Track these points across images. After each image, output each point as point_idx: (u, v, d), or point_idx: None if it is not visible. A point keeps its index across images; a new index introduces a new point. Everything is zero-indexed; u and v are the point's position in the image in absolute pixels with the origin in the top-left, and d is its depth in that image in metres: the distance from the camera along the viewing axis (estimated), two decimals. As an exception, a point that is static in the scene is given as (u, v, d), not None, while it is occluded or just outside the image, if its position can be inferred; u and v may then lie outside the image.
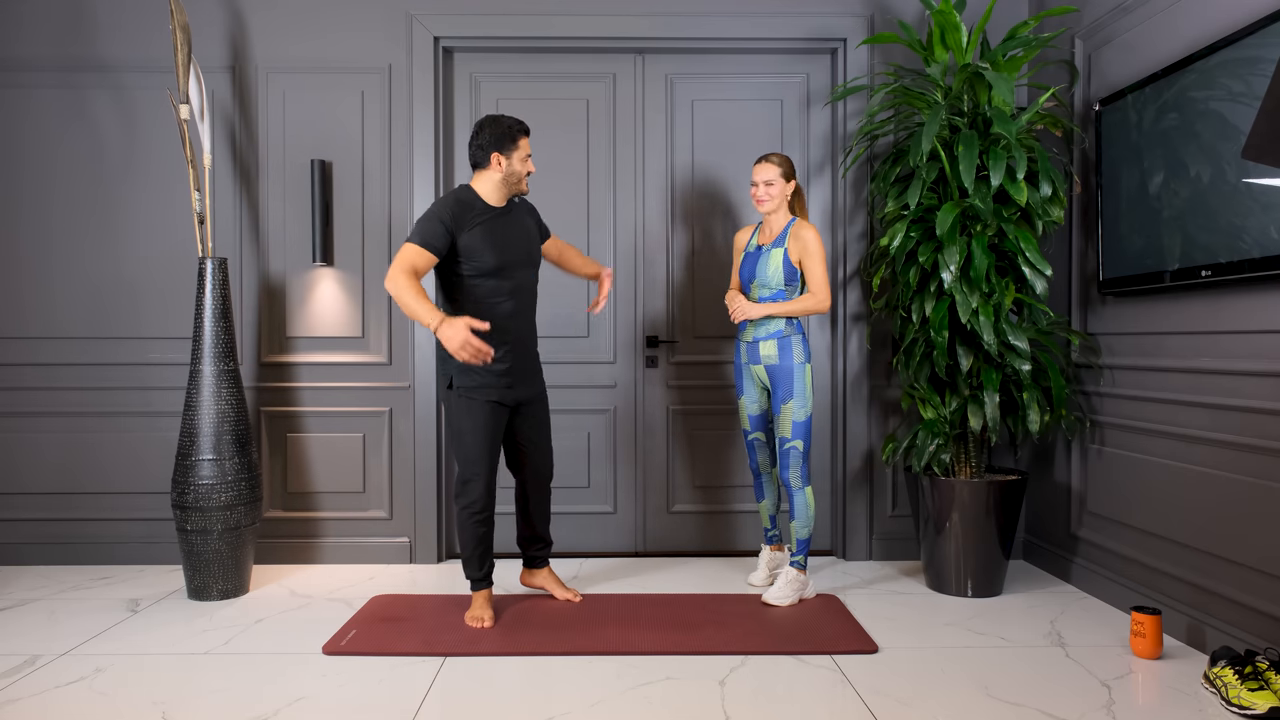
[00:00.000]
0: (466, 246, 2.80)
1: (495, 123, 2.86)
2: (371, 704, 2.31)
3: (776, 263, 3.09)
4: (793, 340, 3.10)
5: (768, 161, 3.11)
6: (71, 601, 3.19)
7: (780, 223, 3.16)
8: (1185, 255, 2.66)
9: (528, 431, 3.03)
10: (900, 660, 2.60)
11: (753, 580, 3.36)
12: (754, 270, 3.15)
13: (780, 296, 3.11)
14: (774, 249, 3.12)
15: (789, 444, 3.08)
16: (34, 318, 3.67)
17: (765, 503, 3.35)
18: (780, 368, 3.10)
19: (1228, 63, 2.48)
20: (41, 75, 3.65)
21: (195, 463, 3.17)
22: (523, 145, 2.88)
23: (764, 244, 3.17)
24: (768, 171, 3.10)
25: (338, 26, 3.68)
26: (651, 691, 2.37)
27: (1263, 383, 2.42)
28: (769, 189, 3.10)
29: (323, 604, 3.16)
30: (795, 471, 3.09)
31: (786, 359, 3.09)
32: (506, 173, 2.87)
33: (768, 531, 3.39)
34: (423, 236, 2.74)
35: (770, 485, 3.33)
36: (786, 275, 3.09)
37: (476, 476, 2.87)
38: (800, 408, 3.08)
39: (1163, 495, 2.85)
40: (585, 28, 3.67)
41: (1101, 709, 2.25)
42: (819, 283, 3.06)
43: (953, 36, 3.19)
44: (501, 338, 2.88)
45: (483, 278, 2.84)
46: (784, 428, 3.09)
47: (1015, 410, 3.21)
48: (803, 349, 3.11)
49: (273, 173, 3.70)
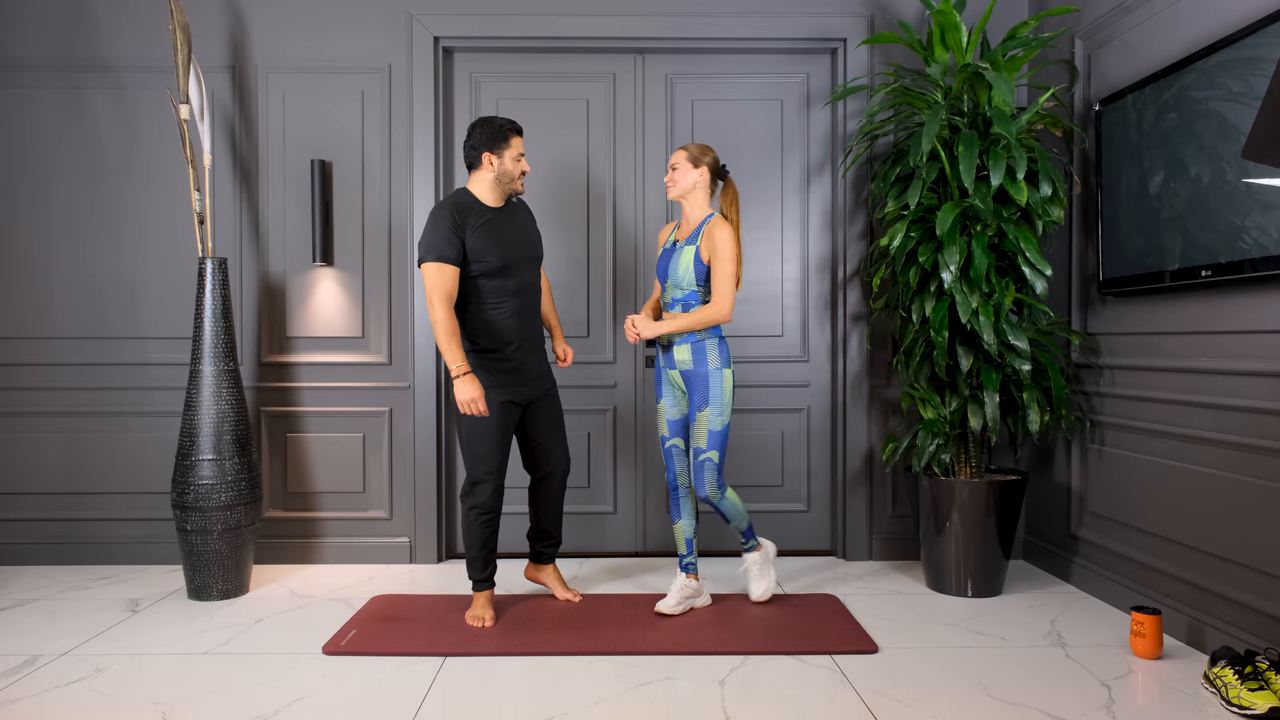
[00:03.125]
0: (471, 248, 2.81)
1: (486, 123, 2.87)
2: (371, 704, 2.31)
3: (687, 261, 2.92)
4: (707, 345, 2.92)
5: (679, 148, 2.98)
6: (71, 601, 3.20)
7: (697, 217, 2.98)
8: (1185, 255, 2.66)
9: (540, 428, 3.04)
10: (900, 660, 2.60)
11: (661, 608, 2.95)
12: (666, 268, 2.98)
13: (693, 297, 2.93)
14: (686, 246, 2.94)
15: (704, 455, 2.89)
16: (34, 318, 3.68)
17: (682, 523, 3.04)
18: (695, 373, 2.92)
19: (1228, 63, 2.48)
20: (41, 75, 3.65)
21: (195, 463, 3.17)
22: (515, 144, 2.88)
23: (679, 240, 3.00)
24: (675, 157, 2.97)
25: (338, 26, 3.68)
26: (651, 691, 2.37)
27: (1263, 383, 2.42)
28: (673, 174, 2.95)
29: (323, 604, 3.16)
30: (711, 484, 2.90)
31: (701, 364, 2.91)
32: (499, 172, 2.88)
33: (683, 558, 3.05)
34: (438, 252, 2.76)
35: (688, 501, 3.05)
36: (698, 275, 2.91)
37: (487, 477, 2.87)
38: (716, 416, 2.89)
39: (1163, 495, 2.85)
40: (585, 28, 3.67)
41: (1101, 709, 2.25)
42: (721, 289, 2.85)
43: (953, 36, 3.19)
44: (509, 337, 2.89)
45: (487, 278, 2.85)
46: (699, 437, 2.90)
47: (1015, 410, 3.21)
48: (719, 354, 2.92)
49: (273, 173, 3.70)
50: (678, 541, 3.08)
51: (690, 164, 2.95)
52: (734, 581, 3.41)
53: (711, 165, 2.98)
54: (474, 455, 2.88)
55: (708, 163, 2.97)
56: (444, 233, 2.77)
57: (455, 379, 2.76)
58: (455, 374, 2.75)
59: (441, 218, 2.79)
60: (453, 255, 2.77)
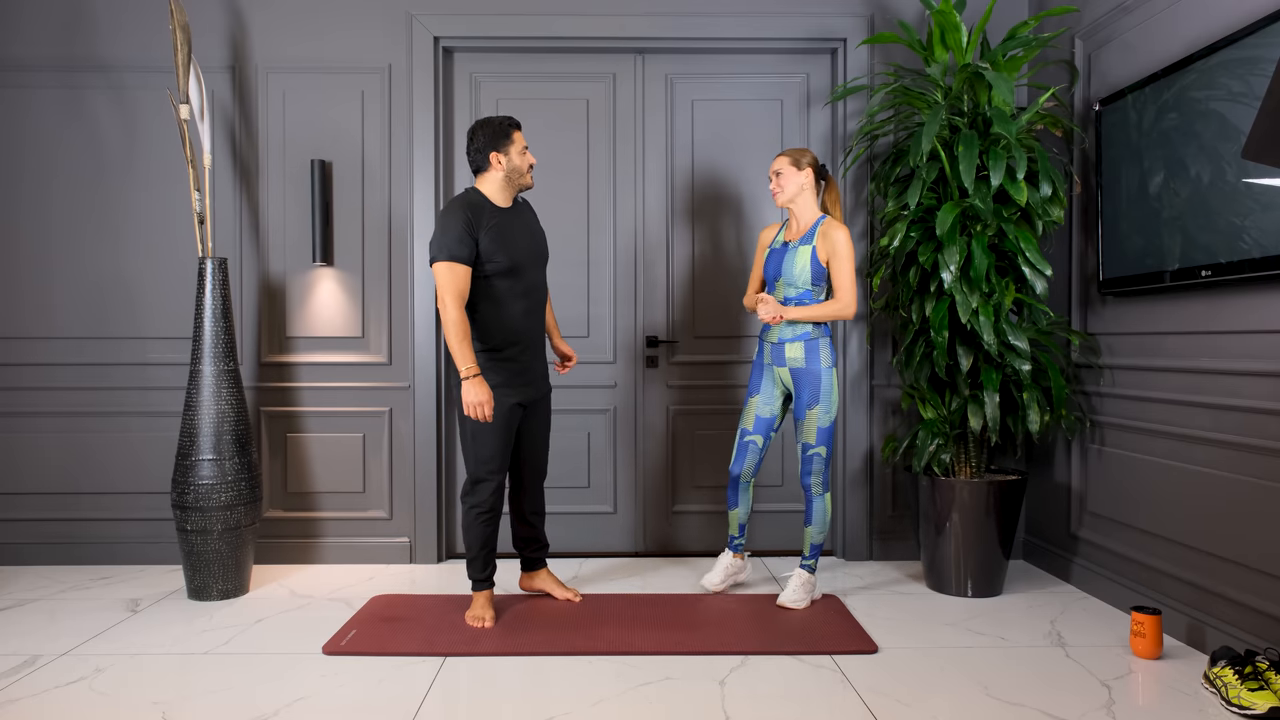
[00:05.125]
0: (484, 248, 2.81)
1: (486, 124, 2.88)
2: (371, 704, 2.31)
3: (804, 261, 3.00)
4: (820, 343, 3.02)
5: (779, 155, 3.09)
6: (71, 601, 3.20)
7: (808, 219, 3.07)
8: (1185, 255, 2.66)
9: (534, 429, 3.04)
10: (900, 660, 2.60)
11: (706, 583, 3.20)
12: (779, 267, 3.05)
13: (807, 296, 3.02)
14: (801, 246, 3.02)
15: (813, 450, 3.02)
16: (34, 318, 3.67)
17: (738, 510, 3.20)
18: (807, 371, 3.01)
19: (1228, 63, 2.48)
20: (41, 75, 3.65)
21: (195, 463, 3.17)
22: (517, 139, 2.89)
23: (790, 240, 3.08)
24: (776, 163, 3.06)
25: (338, 26, 3.68)
26: (651, 691, 2.37)
27: (1263, 383, 2.42)
28: (778, 180, 3.05)
29: (323, 604, 3.16)
30: (818, 478, 3.04)
31: (814, 363, 3.01)
32: (508, 169, 2.88)
33: (734, 539, 3.22)
34: (451, 251, 2.74)
35: (747, 494, 3.19)
36: (814, 274, 3.00)
37: (489, 476, 2.87)
38: (825, 414, 3.01)
39: (1163, 495, 2.85)
40: (585, 28, 3.67)
41: (1101, 709, 2.25)
42: (845, 287, 2.97)
43: (953, 36, 3.19)
44: (517, 338, 2.90)
45: (498, 278, 2.85)
46: (808, 433, 3.02)
47: (1015, 410, 3.21)
48: (829, 353, 3.03)
49: (273, 173, 3.70)
50: (731, 525, 3.23)
51: (794, 167, 3.03)
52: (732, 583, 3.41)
53: (814, 165, 3.06)
54: (478, 455, 2.87)
55: (809, 163, 3.05)
56: (457, 232, 2.76)
57: (464, 380, 2.74)
58: (465, 375, 2.73)
59: (455, 217, 2.78)
60: (465, 255, 2.76)
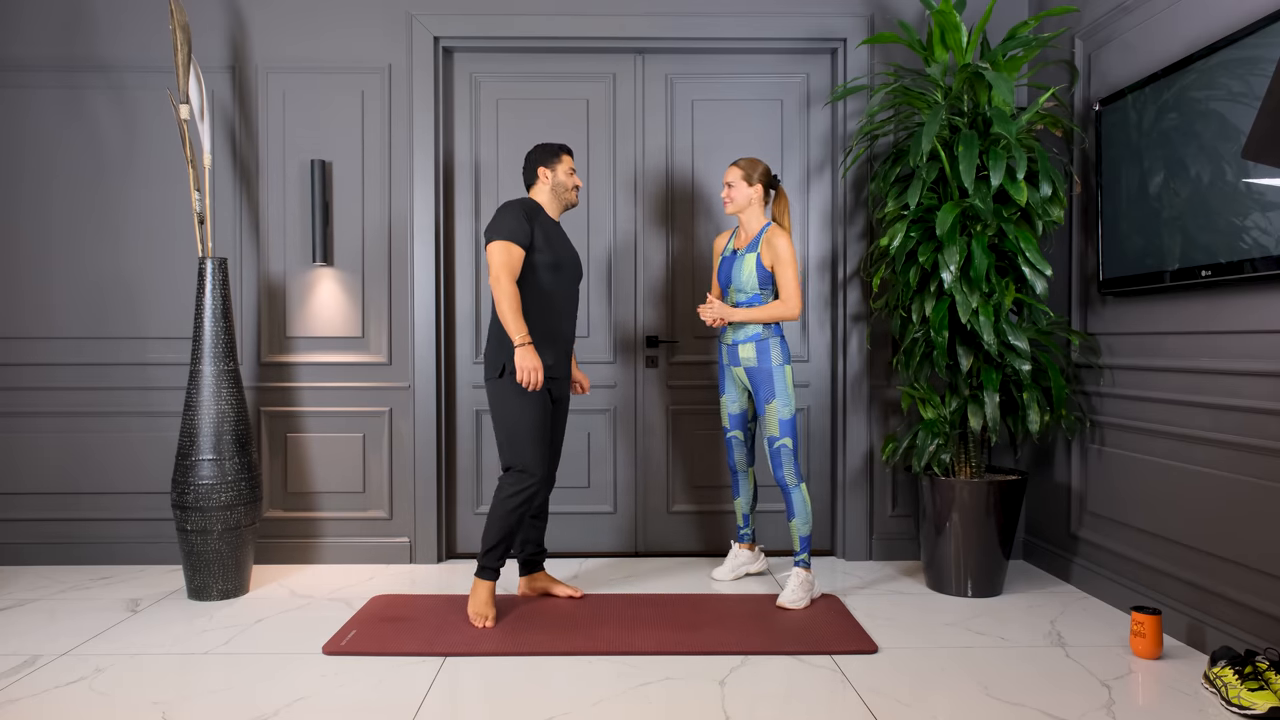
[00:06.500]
0: (538, 241, 2.96)
1: (542, 146, 3.09)
2: (371, 704, 2.31)
3: (750, 268, 3.14)
4: (771, 343, 3.15)
5: (733, 165, 3.21)
6: (71, 601, 3.20)
7: (754, 227, 3.20)
8: (1185, 255, 2.66)
9: (553, 428, 3.16)
10: (900, 660, 2.60)
11: (717, 575, 3.42)
12: (729, 274, 3.21)
13: (756, 300, 3.16)
14: (747, 254, 3.16)
15: (778, 442, 3.11)
16: (34, 318, 3.67)
17: (741, 499, 3.40)
18: (759, 370, 3.14)
19: (1228, 63, 2.48)
20: (41, 75, 3.65)
21: (195, 463, 3.17)
22: (565, 160, 3.10)
23: (739, 248, 3.23)
24: (729, 174, 3.20)
25: (337, 26, 3.68)
26: (651, 691, 2.37)
27: (1263, 383, 2.42)
28: (730, 190, 3.19)
29: (323, 604, 3.16)
30: (788, 469, 3.11)
31: (765, 361, 3.14)
32: (554, 183, 3.07)
33: (740, 529, 3.45)
34: (510, 232, 2.90)
35: (746, 483, 3.38)
36: (760, 280, 3.14)
37: (536, 463, 2.92)
38: (784, 406, 3.11)
39: (1163, 495, 2.85)
40: (585, 28, 3.67)
41: (1101, 709, 2.25)
42: (789, 290, 3.10)
43: (953, 36, 3.19)
44: (555, 335, 3.03)
45: (545, 270, 2.98)
46: (770, 427, 3.13)
47: (1015, 410, 3.21)
48: (780, 351, 3.15)
49: (273, 173, 3.70)
50: (737, 515, 3.48)
51: (745, 182, 3.18)
52: (736, 583, 3.41)
53: (764, 179, 3.21)
54: (518, 442, 2.92)
55: (760, 178, 3.19)
56: (517, 219, 2.92)
57: (519, 347, 2.84)
58: (519, 343, 2.84)
59: (514, 209, 2.95)
60: (522, 238, 2.90)
